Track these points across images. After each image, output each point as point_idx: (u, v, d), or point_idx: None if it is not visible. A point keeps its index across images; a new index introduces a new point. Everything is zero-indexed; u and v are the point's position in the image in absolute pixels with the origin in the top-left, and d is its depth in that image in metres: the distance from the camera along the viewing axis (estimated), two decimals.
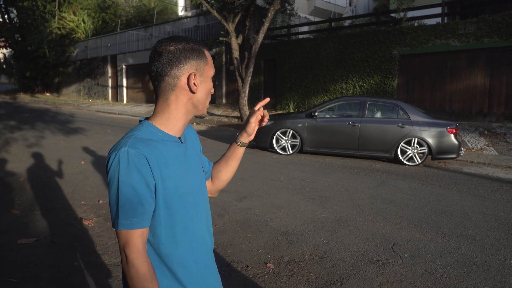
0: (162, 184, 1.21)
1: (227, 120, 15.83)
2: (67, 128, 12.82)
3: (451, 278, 3.38)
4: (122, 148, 1.17)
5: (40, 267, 3.43)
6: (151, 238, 1.24)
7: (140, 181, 1.16)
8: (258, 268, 3.52)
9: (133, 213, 1.16)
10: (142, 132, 1.24)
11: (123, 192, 1.15)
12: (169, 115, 1.28)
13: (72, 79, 30.19)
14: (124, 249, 1.16)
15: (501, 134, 10.61)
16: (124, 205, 1.15)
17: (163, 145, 1.25)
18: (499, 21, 11.74)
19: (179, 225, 1.27)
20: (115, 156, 1.17)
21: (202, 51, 1.28)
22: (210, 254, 1.41)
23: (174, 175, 1.24)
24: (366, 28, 15.30)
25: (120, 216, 1.16)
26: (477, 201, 5.79)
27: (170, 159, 1.25)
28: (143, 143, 1.19)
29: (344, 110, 9.18)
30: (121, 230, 1.16)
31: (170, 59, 1.24)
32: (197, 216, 1.34)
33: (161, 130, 1.28)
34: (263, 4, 17.65)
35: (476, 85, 12.47)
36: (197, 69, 1.27)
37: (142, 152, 1.17)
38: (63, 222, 4.52)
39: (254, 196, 5.75)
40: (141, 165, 1.16)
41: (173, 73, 1.25)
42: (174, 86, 1.26)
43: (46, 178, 6.47)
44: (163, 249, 1.25)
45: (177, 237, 1.26)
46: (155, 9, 27.67)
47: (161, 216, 1.23)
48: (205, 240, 1.37)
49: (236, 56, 14.80)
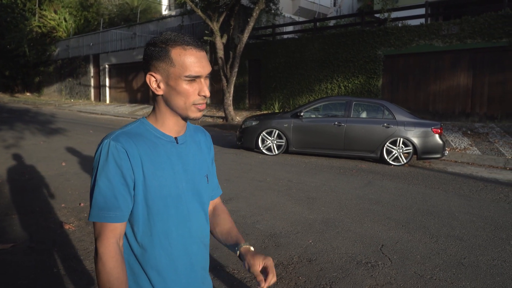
0: (143, 181, 1.16)
1: (211, 120, 15.70)
2: (47, 128, 12.52)
3: (440, 279, 3.35)
4: (106, 140, 1.16)
5: (18, 274, 3.27)
6: (128, 234, 1.20)
7: (116, 174, 1.14)
8: (245, 272, 3.43)
9: (105, 206, 1.13)
10: (134, 127, 1.22)
11: (98, 183, 1.14)
12: (157, 115, 1.25)
13: (53, 79, 29.59)
14: (96, 242, 1.15)
15: (484, 134, 10.74)
16: (97, 196, 1.14)
17: (153, 142, 1.21)
18: (481, 23, 11.89)
19: (159, 227, 1.20)
20: (98, 147, 1.17)
21: (166, 51, 1.18)
22: (198, 267, 1.31)
23: (159, 173, 1.19)
24: (351, 29, 15.35)
25: (92, 206, 1.15)
26: (462, 201, 5.81)
27: (158, 157, 1.20)
28: (129, 137, 1.16)
29: (329, 110, 9.15)
30: (95, 222, 1.15)
31: (143, 58, 1.24)
32: (184, 223, 1.25)
33: (154, 127, 1.24)
34: (248, 3, 17.55)
35: (459, 85, 12.61)
36: (158, 70, 1.19)
37: (124, 146, 1.14)
38: (42, 226, 4.35)
39: (240, 197, 5.66)
40: (120, 158, 1.13)
41: (145, 72, 1.24)
42: (149, 87, 1.23)
43: (24, 180, 6.26)
44: (136, 249, 1.20)
45: (155, 240, 1.20)
46: (138, 8, 27.31)
47: (139, 213, 1.18)
48: (191, 251, 1.28)
49: (221, 56, 14.68)
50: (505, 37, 11.54)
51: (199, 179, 1.31)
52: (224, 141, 11.10)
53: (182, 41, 1.18)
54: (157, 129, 1.24)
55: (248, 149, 9.59)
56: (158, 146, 1.21)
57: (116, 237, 1.14)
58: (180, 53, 1.17)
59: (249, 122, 9.47)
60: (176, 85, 1.18)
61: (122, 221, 1.15)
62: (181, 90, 1.18)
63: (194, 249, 1.29)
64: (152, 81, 1.20)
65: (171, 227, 1.22)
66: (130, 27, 23.94)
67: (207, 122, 15.23)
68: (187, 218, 1.26)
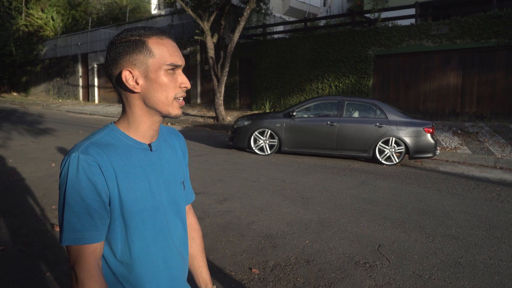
0: (118, 195, 1.06)
1: (202, 120, 15.60)
2: (36, 129, 12.31)
3: (439, 279, 3.33)
4: (73, 153, 1.03)
5: (8, 279, 3.17)
6: (105, 254, 1.10)
7: (90, 191, 1.02)
8: (243, 274, 3.38)
9: (80, 227, 1.01)
10: (103, 135, 1.10)
11: (69, 202, 1.01)
12: (129, 119, 1.14)
13: (40, 79, 29.17)
14: (74, 267, 1.02)
15: (474, 133, 10.82)
16: (69, 217, 1.01)
17: (126, 151, 1.10)
18: (470, 23, 11.99)
19: (137, 244, 1.11)
20: (65, 162, 1.04)
21: (142, 42, 1.08)
22: (179, 280, 1.25)
23: (135, 186, 1.09)
24: (341, 28, 15.37)
25: (64, 229, 1.02)
26: (456, 200, 5.82)
27: (133, 168, 1.09)
28: (99, 148, 1.05)
29: (322, 109, 9.14)
30: (71, 246, 1.02)
31: (110, 57, 1.10)
32: (162, 237, 1.16)
33: (126, 135, 1.13)
34: (239, 3, 17.49)
35: (449, 85, 12.71)
36: (135, 64, 1.08)
37: (95, 159, 1.03)
38: (32, 229, 4.24)
39: (234, 198, 5.60)
40: (92, 174, 1.02)
41: (113, 72, 1.11)
42: (120, 88, 1.12)
43: (13, 182, 6.12)
44: (116, 268, 1.11)
45: (134, 257, 1.11)
46: (127, 7, 27.09)
47: (117, 231, 1.08)
48: (171, 264, 1.20)
49: (212, 56, 14.59)
50: (493, 37, 11.65)
51: (175, 186, 1.22)
52: (216, 141, 11.03)
53: (155, 32, 1.10)
54: (129, 136, 1.13)
55: (240, 149, 9.53)
56: (131, 155, 1.11)
57: (97, 258, 1.04)
58: (157, 42, 1.09)
59: (241, 122, 9.42)
60: (157, 77, 1.08)
61: (101, 240, 1.05)
62: (163, 82, 1.09)
63: (175, 262, 1.21)
64: (129, 78, 1.08)
65: (149, 242, 1.13)
66: (119, 27, 23.70)
67: (197, 122, 15.13)
68: (166, 230, 1.17)
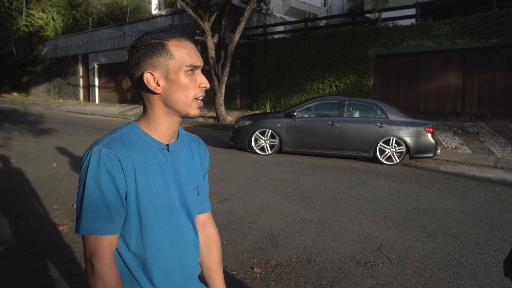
0: (135, 191, 1.10)
1: (203, 120, 15.62)
2: (37, 129, 12.33)
3: (440, 278, 3.34)
4: (95, 146, 1.08)
5: (10, 278, 3.19)
6: (120, 246, 1.13)
7: (109, 184, 1.06)
8: (245, 273, 3.39)
9: (98, 217, 1.05)
10: (124, 132, 1.14)
11: (89, 193, 1.06)
12: (149, 119, 1.18)
13: (41, 79, 29.18)
14: (91, 259, 1.06)
15: (474, 133, 10.83)
16: (88, 207, 1.06)
17: (145, 149, 1.14)
18: (471, 23, 12.00)
19: (151, 240, 1.14)
20: (87, 154, 1.08)
21: (162, 45, 1.13)
22: (193, 279, 1.28)
23: (152, 183, 1.12)
24: (342, 28, 15.38)
25: (83, 219, 1.06)
26: (457, 199, 5.83)
27: (150, 166, 1.13)
28: (121, 144, 1.09)
29: (322, 109, 9.15)
30: (88, 237, 1.06)
31: (132, 60, 1.16)
32: (178, 234, 1.20)
33: (146, 133, 1.17)
34: (239, 3, 17.52)
35: (450, 85, 12.72)
36: (156, 66, 1.13)
37: (116, 153, 1.07)
38: (34, 229, 4.25)
39: (236, 197, 5.61)
40: (113, 167, 1.06)
41: (135, 74, 1.16)
42: (141, 89, 1.17)
43: (14, 182, 6.14)
44: (129, 260, 1.14)
45: (147, 251, 1.14)
46: (128, 7, 27.09)
47: (132, 225, 1.12)
48: (185, 262, 1.23)
49: (212, 56, 14.61)
50: (494, 37, 11.66)
51: (188, 191, 1.24)
52: (217, 141, 11.04)
53: (175, 35, 1.16)
54: (148, 135, 1.17)
55: (241, 149, 9.55)
56: (149, 153, 1.14)
57: (113, 251, 1.09)
58: (177, 44, 1.14)
59: (242, 122, 9.43)
60: (177, 78, 1.13)
61: (117, 233, 1.09)
62: (183, 83, 1.14)
63: (189, 261, 1.24)
64: (150, 79, 1.13)
65: (164, 239, 1.16)
66: (119, 27, 23.72)
67: (198, 122, 15.14)
68: (180, 229, 1.21)
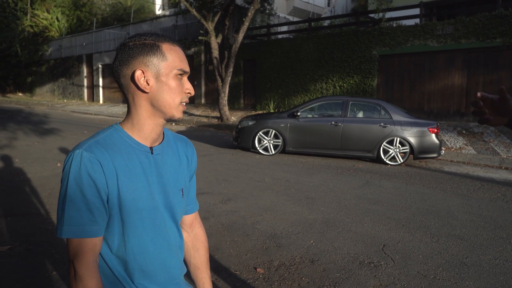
0: (118, 194, 1.10)
1: (206, 121, 15.63)
2: (41, 129, 12.38)
3: (444, 279, 3.33)
4: (77, 150, 1.08)
5: (15, 278, 3.20)
6: (103, 247, 1.14)
7: (91, 187, 1.06)
8: (248, 273, 3.39)
9: (80, 220, 1.06)
10: (107, 135, 1.14)
11: (70, 196, 1.06)
12: (133, 120, 1.17)
13: (45, 79, 29.32)
14: (74, 261, 1.06)
15: (479, 133, 10.79)
16: (70, 210, 1.06)
17: (128, 152, 1.14)
18: (475, 23, 11.95)
19: (134, 241, 1.15)
20: (69, 158, 1.08)
21: (157, 46, 1.13)
22: (178, 280, 1.28)
23: (134, 186, 1.12)
24: (346, 28, 15.36)
25: (64, 222, 1.06)
26: (461, 200, 5.81)
27: (133, 169, 1.13)
28: (103, 147, 1.09)
29: (326, 110, 9.14)
30: (71, 240, 1.06)
31: (122, 57, 1.15)
32: (162, 237, 1.20)
33: (130, 136, 1.17)
34: (243, 3, 17.53)
35: (454, 85, 12.67)
36: (148, 66, 1.12)
37: (97, 157, 1.07)
38: (39, 228, 4.28)
39: (239, 197, 5.61)
40: (94, 171, 1.06)
41: (124, 72, 1.15)
42: (128, 87, 1.16)
43: (19, 181, 6.17)
44: (111, 262, 1.15)
45: (129, 253, 1.15)
46: (132, 8, 27.17)
47: (114, 227, 1.12)
48: (170, 264, 1.24)
49: (216, 56, 14.62)
50: (498, 37, 11.60)
51: (173, 192, 1.24)
52: (220, 141, 11.05)
53: (168, 39, 1.17)
54: (132, 138, 1.16)
55: (244, 149, 9.55)
56: (132, 156, 1.14)
57: (95, 254, 1.09)
58: (170, 48, 1.15)
59: (245, 122, 9.43)
60: (167, 80, 1.14)
61: (100, 235, 1.09)
62: (172, 86, 1.14)
63: (173, 263, 1.25)
64: (141, 77, 1.12)
65: (147, 241, 1.16)
66: (123, 27, 23.82)
67: (202, 122, 15.16)
68: (164, 231, 1.21)
